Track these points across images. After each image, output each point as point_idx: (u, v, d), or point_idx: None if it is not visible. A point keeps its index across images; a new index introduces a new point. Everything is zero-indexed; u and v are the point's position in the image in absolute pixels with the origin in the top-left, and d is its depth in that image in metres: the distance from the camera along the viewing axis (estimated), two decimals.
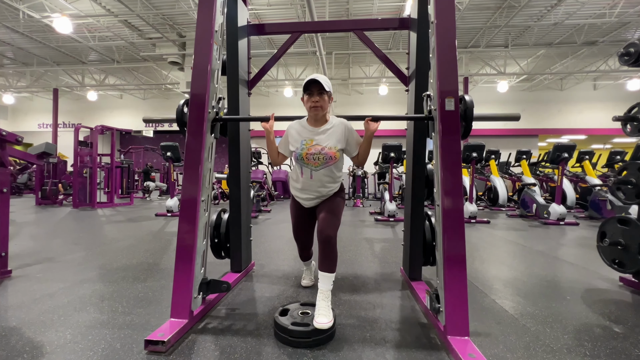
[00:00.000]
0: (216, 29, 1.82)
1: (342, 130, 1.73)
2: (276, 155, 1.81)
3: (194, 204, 1.67)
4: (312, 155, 1.69)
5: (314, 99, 1.65)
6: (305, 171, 1.75)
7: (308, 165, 1.72)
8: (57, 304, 1.90)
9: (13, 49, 11.18)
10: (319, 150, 1.69)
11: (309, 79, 1.63)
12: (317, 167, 1.71)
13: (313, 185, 1.75)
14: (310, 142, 1.71)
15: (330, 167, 1.72)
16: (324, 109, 1.69)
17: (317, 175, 1.73)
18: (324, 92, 1.65)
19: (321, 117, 1.72)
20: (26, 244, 3.55)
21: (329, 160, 1.70)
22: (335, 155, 1.70)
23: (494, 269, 2.81)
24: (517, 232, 4.67)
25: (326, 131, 1.72)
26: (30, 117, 17.24)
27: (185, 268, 1.62)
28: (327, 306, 1.54)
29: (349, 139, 1.74)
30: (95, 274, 2.49)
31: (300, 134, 1.74)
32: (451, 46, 1.64)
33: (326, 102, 1.68)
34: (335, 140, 1.70)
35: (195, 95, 1.75)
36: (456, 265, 1.48)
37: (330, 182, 1.76)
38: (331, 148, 1.69)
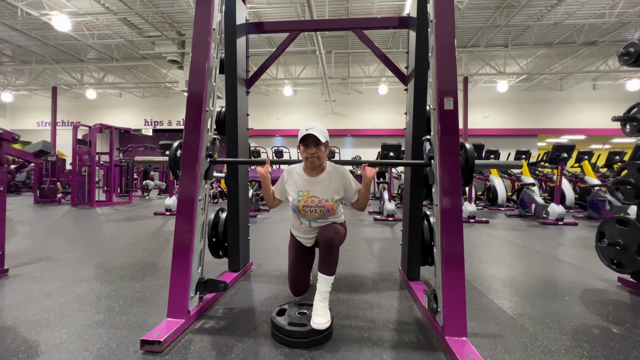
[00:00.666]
0: (214, 26, 1.81)
1: (339, 180, 1.74)
2: (272, 200, 1.83)
3: (191, 204, 1.66)
4: (309, 208, 1.70)
5: (311, 150, 1.65)
6: (303, 221, 1.78)
7: (305, 217, 1.74)
8: (54, 303, 1.89)
9: (12, 46, 11.14)
10: (316, 202, 1.69)
11: (304, 133, 1.62)
12: (314, 219, 1.74)
13: (312, 232, 1.79)
14: (307, 194, 1.71)
15: (328, 218, 1.75)
16: (321, 159, 1.69)
17: (316, 225, 1.76)
18: (320, 143, 1.65)
19: (318, 166, 1.72)
20: (23, 243, 3.54)
21: (327, 212, 1.71)
22: (333, 207, 1.71)
23: (492, 269, 2.81)
24: (516, 232, 4.67)
25: (323, 182, 1.72)
26: (28, 115, 17.20)
27: (182, 268, 1.61)
28: (324, 307, 1.53)
29: (346, 187, 1.75)
30: (93, 273, 2.48)
31: (297, 184, 1.75)
32: (450, 45, 1.63)
33: (323, 152, 1.68)
34: (331, 191, 1.71)
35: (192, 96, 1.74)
36: (454, 265, 1.48)
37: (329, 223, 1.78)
38: (328, 200, 1.69)
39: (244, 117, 2.42)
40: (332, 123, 15.71)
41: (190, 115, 1.73)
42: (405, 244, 2.37)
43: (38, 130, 16.95)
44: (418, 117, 2.18)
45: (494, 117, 15.19)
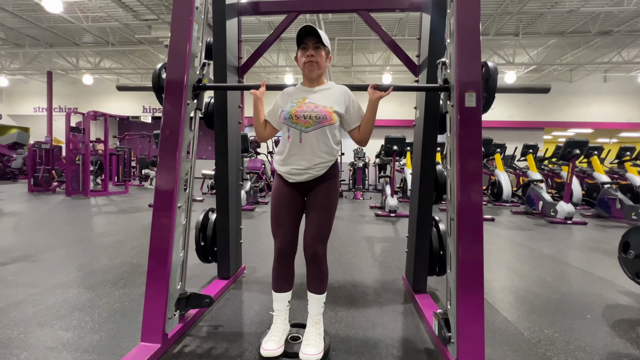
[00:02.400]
0: (197, 4, 1.55)
1: (342, 94, 1.45)
2: (263, 127, 1.51)
3: (169, 216, 1.44)
4: (303, 113, 1.37)
5: (309, 52, 1.38)
6: (293, 134, 1.40)
7: (297, 125, 1.38)
8: (21, 316, 1.71)
9: (4, 29, 10.75)
10: (312, 108, 1.38)
11: (303, 29, 1.35)
12: (307, 128, 1.38)
13: (302, 152, 1.39)
14: (302, 100, 1.42)
15: (324, 128, 1.38)
16: (321, 66, 1.41)
17: (308, 139, 1.38)
18: (320, 46, 1.38)
19: (317, 76, 1.44)
20: (7, 239, 3.36)
21: (323, 120, 1.37)
22: (331, 116, 1.37)
23: (503, 277, 2.61)
24: (524, 232, 4.47)
25: (322, 91, 1.45)
26: (25, 101, 16.87)
27: (158, 286, 1.41)
28: (317, 334, 1.33)
29: (349, 106, 1.45)
30: (72, 277, 2.30)
31: (291, 95, 1.46)
32: (475, 29, 1.38)
33: (323, 58, 1.40)
34: (332, 101, 1.41)
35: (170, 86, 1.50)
36: (472, 292, 1.27)
37: (323, 150, 1.40)
38: (326, 107, 1.39)
39: (235, 109, 2.18)
40: None
41: (168, 108, 1.49)
42: (411, 252, 2.16)
43: (35, 116, 16.65)
44: (430, 113, 1.94)
45: (500, 108, 14.77)
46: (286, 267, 1.42)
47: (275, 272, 1.42)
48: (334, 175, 1.48)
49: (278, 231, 1.41)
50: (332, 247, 3.31)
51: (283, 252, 1.40)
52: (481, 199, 1.32)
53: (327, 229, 1.40)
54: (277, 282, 1.42)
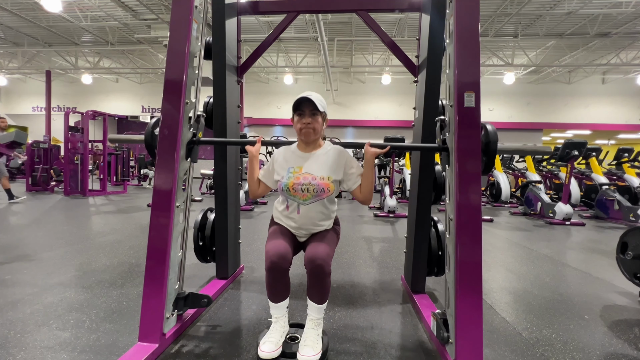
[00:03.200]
0: (196, 4, 1.55)
1: (338, 158, 1.45)
2: (256, 186, 1.51)
3: (167, 216, 1.44)
4: (301, 186, 1.39)
5: (306, 120, 1.40)
6: (291, 205, 1.44)
7: (295, 198, 1.42)
8: (18, 316, 1.70)
9: (2, 27, 10.73)
10: (309, 180, 1.40)
11: (300, 97, 1.38)
12: (305, 201, 1.41)
13: (301, 221, 1.44)
14: (298, 170, 1.43)
15: (323, 200, 1.42)
16: (317, 132, 1.43)
17: (306, 211, 1.41)
18: (317, 112, 1.40)
19: (313, 141, 1.47)
20: (5, 237, 3.34)
21: (321, 193, 1.39)
22: (329, 188, 1.40)
23: (501, 278, 2.61)
24: (522, 233, 4.48)
25: (318, 157, 1.45)
26: (23, 100, 16.82)
27: (156, 285, 1.40)
28: (316, 335, 1.33)
29: (346, 167, 1.45)
30: (70, 277, 2.29)
31: (288, 161, 1.47)
32: (474, 30, 1.38)
33: (320, 124, 1.43)
34: (328, 169, 1.42)
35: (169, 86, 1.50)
36: (471, 292, 1.27)
37: (322, 219, 1.45)
38: (323, 178, 1.40)
39: (234, 108, 2.17)
40: (333, 113, 15.35)
41: (167, 108, 1.49)
42: (409, 252, 2.16)
43: (34, 115, 16.60)
44: (429, 113, 1.94)
45: (499, 110, 14.83)
46: (280, 280, 1.34)
47: (269, 285, 1.35)
48: (333, 228, 1.53)
49: (271, 245, 1.36)
50: None
51: (274, 263, 1.29)
52: (480, 200, 1.32)
53: (330, 248, 1.37)
54: (273, 294, 1.37)
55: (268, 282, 1.34)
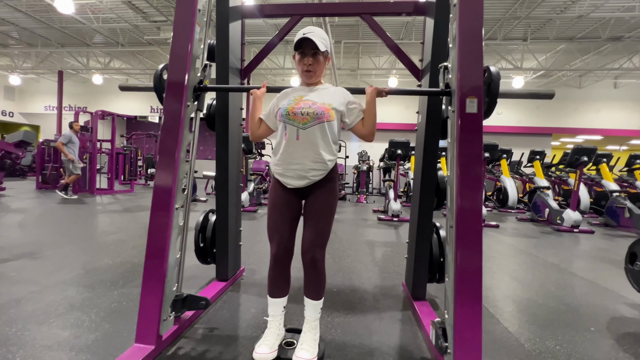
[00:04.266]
0: (199, 7, 1.56)
1: (340, 92, 1.44)
2: (257, 126, 1.48)
3: (167, 222, 1.44)
4: (301, 110, 1.33)
5: (307, 61, 1.37)
6: (290, 131, 1.35)
7: (294, 122, 1.33)
8: (20, 314, 1.72)
9: (17, 28, 10.99)
10: (309, 104, 1.35)
11: (301, 37, 1.33)
12: (305, 124, 1.32)
13: (299, 150, 1.34)
14: (299, 98, 1.40)
15: (323, 124, 1.33)
16: (318, 73, 1.41)
17: (306, 136, 1.32)
18: (318, 52, 1.36)
19: (315, 82, 1.46)
20: (12, 235, 3.40)
21: (321, 116, 1.32)
22: (329, 112, 1.34)
23: (505, 286, 2.56)
24: (529, 240, 4.40)
25: (319, 90, 1.43)
26: (36, 99, 17.20)
27: (153, 287, 1.40)
28: (312, 339, 1.32)
29: (348, 103, 1.43)
30: (73, 275, 2.31)
31: (288, 95, 1.45)
32: (477, 34, 1.36)
33: (321, 64, 1.40)
34: (330, 98, 1.39)
35: (171, 89, 1.51)
36: (470, 301, 1.24)
37: (322, 146, 1.34)
38: (324, 104, 1.36)
39: (236, 110, 2.18)
40: None
41: (168, 111, 1.49)
42: (411, 258, 2.14)
43: (46, 115, 16.95)
44: (432, 118, 1.92)
45: (507, 114, 14.65)
46: (282, 273, 1.39)
47: (271, 278, 1.39)
48: (333, 178, 1.44)
49: (274, 235, 1.38)
50: (332, 251, 3.29)
51: (279, 257, 1.37)
52: (481, 207, 1.29)
53: (326, 234, 1.37)
54: (273, 288, 1.40)
55: (270, 274, 1.37)
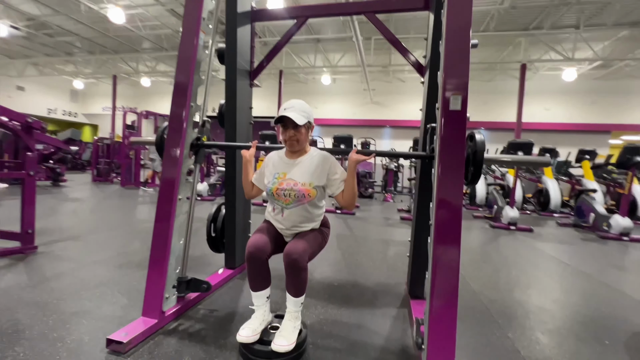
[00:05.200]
0: (204, 16, 1.70)
1: (321, 163, 1.49)
2: (250, 188, 1.61)
3: (170, 211, 1.61)
4: (283, 191, 1.46)
5: (289, 133, 1.46)
6: (276, 207, 1.52)
7: (279, 202, 1.49)
8: (59, 286, 2.02)
9: (79, 38, 12.37)
10: (291, 186, 1.46)
11: (279, 115, 1.42)
12: (288, 205, 1.48)
13: (285, 222, 1.51)
14: (283, 176, 1.50)
15: (305, 205, 1.47)
16: (301, 142, 1.49)
17: (289, 214, 1.49)
18: (299, 125, 1.44)
19: (298, 150, 1.53)
20: (65, 220, 3.91)
21: (302, 198, 1.45)
22: (310, 193, 1.45)
23: (519, 293, 2.43)
24: (564, 246, 4.06)
25: (302, 164, 1.51)
26: (95, 101, 19.21)
27: (158, 268, 1.58)
28: (292, 327, 1.39)
29: (329, 172, 1.49)
30: (106, 256, 2.63)
31: (275, 167, 1.54)
32: (464, 30, 1.33)
33: (303, 135, 1.47)
34: (310, 175, 1.47)
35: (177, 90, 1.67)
36: (446, 298, 1.24)
37: (304, 221, 1.50)
38: (304, 184, 1.46)
39: (245, 110, 2.32)
40: (370, 113, 15.19)
41: (174, 111, 1.66)
42: (411, 255, 2.12)
43: (103, 115, 18.88)
44: (430, 117, 1.89)
45: (556, 110, 13.43)
46: (259, 270, 1.42)
47: (248, 274, 1.43)
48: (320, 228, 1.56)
49: (252, 238, 1.44)
50: (343, 247, 3.34)
51: (250, 255, 1.38)
52: (460, 203, 1.27)
53: (308, 246, 1.41)
54: (252, 283, 1.44)
55: (247, 271, 1.44)
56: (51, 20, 10.61)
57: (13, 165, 2.63)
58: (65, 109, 18.63)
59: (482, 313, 1.99)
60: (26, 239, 2.58)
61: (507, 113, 13.48)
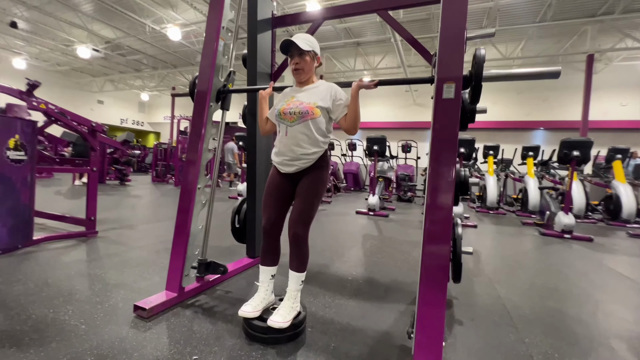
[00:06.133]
0: (223, 25, 1.90)
1: (327, 89, 1.57)
2: (264, 123, 1.72)
3: (191, 193, 1.82)
4: (289, 110, 1.55)
5: (294, 61, 1.56)
6: (282, 129, 1.59)
7: (284, 120, 1.57)
8: (108, 263, 2.37)
9: (145, 56, 14.05)
10: (297, 105, 1.54)
11: (283, 41, 1.52)
12: (292, 123, 1.54)
13: (288, 144, 1.56)
14: (290, 99, 1.59)
15: (307, 122, 1.52)
16: (307, 71, 1.57)
17: (292, 132, 1.54)
18: (304, 52, 1.54)
19: (306, 80, 1.62)
20: (124, 213, 4.50)
21: (305, 114, 1.51)
22: (313, 111, 1.51)
23: (554, 302, 2.21)
24: (631, 259, 3.54)
25: (309, 90, 1.60)
26: (159, 111, 21.51)
27: (179, 249, 1.79)
28: (289, 307, 1.48)
29: (334, 98, 1.56)
30: (150, 242, 2.99)
31: (285, 95, 1.66)
32: (459, 18, 1.31)
33: (308, 63, 1.56)
34: (316, 97, 1.55)
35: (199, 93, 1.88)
36: (434, 289, 1.22)
37: (306, 141, 1.53)
38: (310, 103, 1.53)
39: None
40: (413, 115, 14.72)
41: (195, 111, 1.87)
42: None
43: (165, 123, 21.05)
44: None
45: (634, 105, 11.67)
46: (270, 244, 1.59)
47: (262, 248, 1.61)
48: (320, 167, 1.59)
49: (264, 212, 1.60)
50: (367, 246, 3.34)
51: (266, 230, 1.58)
52: (451, 194, 1.25)
53: (308, 213, 1.52)
54: (263, 256, 1.61)
55: (262, 243, 1.61)
56: (123, 42, 12.25)
57: (81, 163, 3.13)
58: (134, 119, 21.18)
59: (500, 317, 1.87)
60: (89, 225, 3.05)
61: (571, 111, 12.08)
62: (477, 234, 4.31)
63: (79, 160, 3.14)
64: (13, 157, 2.40)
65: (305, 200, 1.54)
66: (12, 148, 2.39)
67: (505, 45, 11.26)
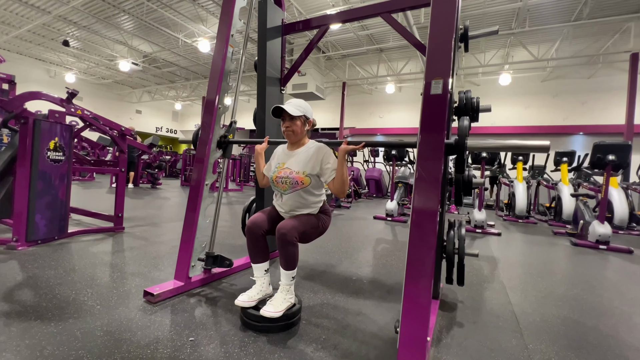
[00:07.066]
0: (232, 33, 2.04)
1: (316, 153, 1.64)
2: (262, 177, 1.82)
3: (198, 190, 1.95)
4: (281, 179, 1.65)
5: (285, 124, 1.65)
6: (276, 193, 1.72)
7: (277, 188, 1.69)
8: (129, 255, 2.56)
9: (179, 68, 14.99)
10: (287, 174, 1.64)
11: (274, 107, 1.61)
12: (285, 191, 1.65)
13: (284, 206, 1.68)
14: (282, 165, 1.69)
15: (299, 192, 1.62)
16: (297, 133, 1.65)
17: (286, 199, 1.66)
18: (294, 117, 1.62)
19: (296, 141, 1.69)
20: (152, 212, 4.81)
21: (296, 185, 1.61)
22: (303, 181, 1.60)
23: (571, 311, 2.07)
24: None
25: (299, 155, 1.67)
26: (190, 119, 22.73)
27: (187, 242, 1.92)
28: (282, 298, 1.53)
29: (323, 164, 1.61)
30: (169, 239, 3.18)
31: (278, 158, 1.75)
32: (448, 15, 1.33)
33: (299, 126, 1.64)
34: (304, 164, 1.63)
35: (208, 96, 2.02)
36: (418, 285, 1.22)
37: (301, 207, 1.65)
38: (299, 172, 1.62)
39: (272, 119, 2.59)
40: None
41: (205, 113, 2.01)
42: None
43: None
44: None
45: None
46: (254, 243, 1.62)
47: (248, 246, 1.65)
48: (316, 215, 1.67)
49: (252, 216, 1.68)
50: (378, 250, 3.31)
51: (249, 228, 1.62)
52: (437, 192, 1.25)
53: (300, 224, 1.54)
54: (251, 254, 1.65)
55: (247, 244, 1.65)
56: (159, 55, 13.18)
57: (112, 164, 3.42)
58: (168, 127, 22.52)
59: (506, 322, 1.79)
60: (117, 221, 3.32)
61: (614, 114, 11.20)
62: (499, 242, 4.12)
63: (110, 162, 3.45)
64: (52, 157, 2.69)
65: (298, 218, 1.60)
66: (52, 149, 2.68)
67: (537, 47, 10.73)
